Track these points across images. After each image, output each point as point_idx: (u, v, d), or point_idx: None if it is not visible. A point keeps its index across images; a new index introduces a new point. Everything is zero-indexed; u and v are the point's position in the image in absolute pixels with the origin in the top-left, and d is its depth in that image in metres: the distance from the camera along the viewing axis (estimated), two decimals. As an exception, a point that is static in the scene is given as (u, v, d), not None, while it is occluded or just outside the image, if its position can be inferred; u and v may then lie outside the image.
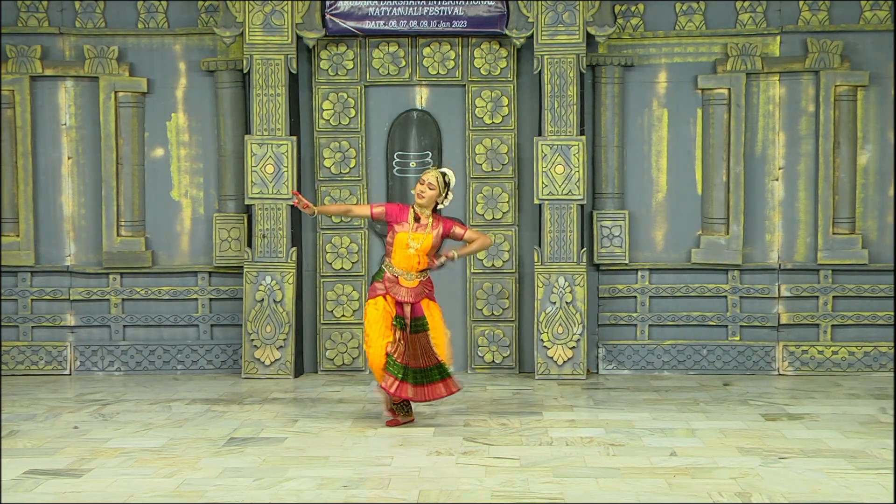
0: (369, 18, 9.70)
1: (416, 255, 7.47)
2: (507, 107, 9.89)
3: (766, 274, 9.87)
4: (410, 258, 7.48)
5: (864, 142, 9.79)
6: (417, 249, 7.47)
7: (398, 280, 7.50)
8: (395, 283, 7.50)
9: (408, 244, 7.47)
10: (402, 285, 7.50)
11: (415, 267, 7.49)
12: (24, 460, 6.65)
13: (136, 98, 9.95)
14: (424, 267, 7.53)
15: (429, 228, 7.51)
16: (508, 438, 7.20)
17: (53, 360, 10.06)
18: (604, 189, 9.89)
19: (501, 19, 9.65)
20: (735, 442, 7.02)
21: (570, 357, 9.57)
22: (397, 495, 5.81)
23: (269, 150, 9.63)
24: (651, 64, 9.90)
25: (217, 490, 5.94)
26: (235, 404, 8.47)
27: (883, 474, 6.16)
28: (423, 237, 7.49)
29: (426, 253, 7.51)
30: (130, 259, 9.96)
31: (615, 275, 9.94)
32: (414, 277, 7.51)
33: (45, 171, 10.03)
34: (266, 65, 9.62)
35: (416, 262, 7.49)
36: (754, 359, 9.86)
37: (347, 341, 9.96)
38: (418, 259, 7.49)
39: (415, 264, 7.49)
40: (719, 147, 9.80)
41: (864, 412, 8.04)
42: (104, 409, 8.33)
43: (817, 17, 9.75)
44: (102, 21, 9.97)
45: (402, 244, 7.48)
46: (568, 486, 5.97)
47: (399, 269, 7.50)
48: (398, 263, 7.50)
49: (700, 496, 5.73)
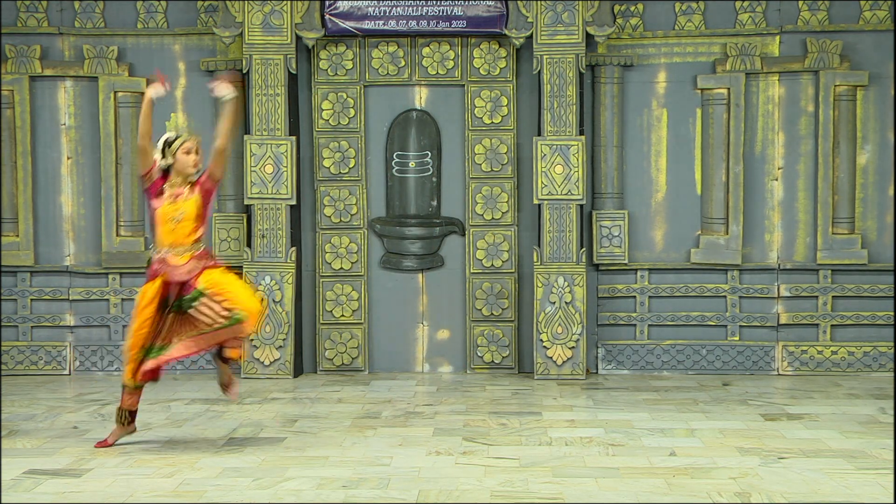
0: (368, 18, 9.70)
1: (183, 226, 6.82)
2: (506, 107, 9.89)
3: (765, 274, 9.87)
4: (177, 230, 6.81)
5: (863, 142, 9.79)
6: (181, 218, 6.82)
7: (166, 260, 6.82)
8: (162, 264, 6.83)
9: (172, 216, 6.80)
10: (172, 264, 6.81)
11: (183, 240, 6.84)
12: (24, 460, 6.65)
13: (136, 98, 9.94)
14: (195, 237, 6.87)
15: (187, 194, 6.86)
16: (508, 438, 7.20)
17: (53, 360, 10.06)
18: (603, 189, 9.89)
19: (501, 19, 9.65)
20: (734, 442, 7.02)
21: (570, 357, 9.57)
22: (396, 495, 5.81)
23: (268, 150, 9.63)
24: (650, 64, 9.90)
25: (216, 490, 5.95)
26: (235, 404, 8.47)
27: (883, 474, 6.16)
28: (188, 204, 6.84)
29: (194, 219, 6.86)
30: (130, 259, 9.96)
31: (614, 275, 9.95)
32: (183, 252, 6.84)
33: (44, 171, 10.03)
34: (265, 65, 9.62)
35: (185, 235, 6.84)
36: (754, 359, 9.86)
37: (347, 341, 9.96)
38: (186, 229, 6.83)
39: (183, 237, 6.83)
40: (719, 147, 9.80)
41: (863, 412, 8.04)
42: (104, 409, 8.33)
43: (817, 16, 9.75)
44: (102, 21, 9.97)
45: (166, 218, 6.81)
46: (567, 486, 5.97)
47: (165, 246, 6.83)
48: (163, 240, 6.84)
49: (699, 496, 5.74)
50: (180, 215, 6.81)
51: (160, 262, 6.85)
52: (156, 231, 6.90)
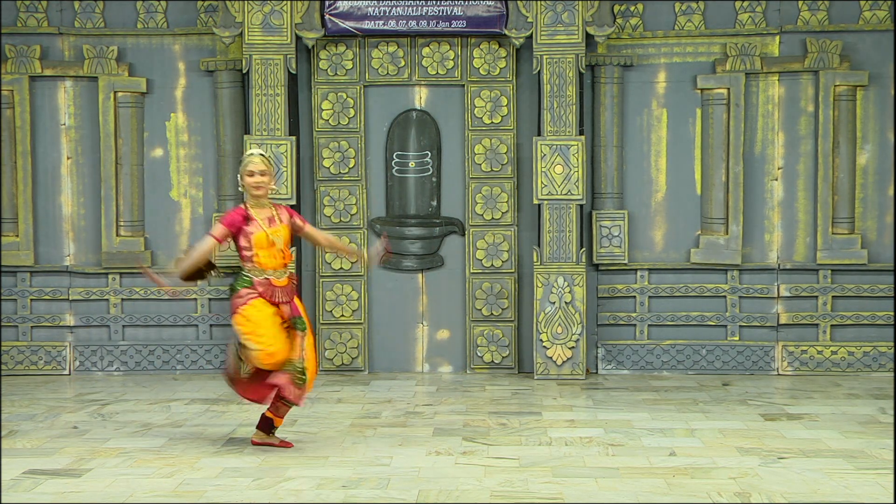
0: (368, 18, 9.70)
1: (280, 251, 6.92)
2: (506, 107, 9.89)
3: (765, 274, 9.87)
4: (276, 255, 6.91)
5: (863, 142, 9.79)
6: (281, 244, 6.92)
7: (270, 282, 6.89)
8: (268, 286, 6.88)
9: (271, 242, 6.89)
10: (276, 286, 6.90)
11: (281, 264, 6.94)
12: (24, 460, 6.65)
13: (136, 98, 9.94)
14: (289, 261, 7.02)
15: (279, 220, 6.98)
16: (508, 438, 7.20)
17: (53, 360, 10.06)
18: (603, 189, 9.89)
19: (501, 19, 9.65)
20: (734, 442, 7.03)
21: (570, 357, 9.57)
22: (396, 495, 5.81)
23: (268, 150, 9.63)
24: (650, 64, 9.90)
25: (216, 490, 5.95)
26: (235, 404, 8.47)
27: (883, 474, 6.17)
28: (281, 229, 6.95)
29: (287, 245, 7.00)
30: (130, 259, 9.96)
31: (614, 275, 9.95)
32: (282, 275, 6.94)
33: (44, 171, 10.03)
34: (265, 65, 9.62)
35: (282, 258, 6.94)
36: (753, 359, 9.86)
37: (347, 341, 9.96)
38: (283, 254, 6.95)
39: (281, 261, 6.94)
40: (718, 147, 9.80)
41: (863, 412, 8.04)
42: (103, 409, 8.33)
43: (817, 16, 9.75)
44: (102, 21, 9.97)
45: (264, 243, 6.89)
46: (567, 486, 5.97)
47: (268, 269, 6.89)
48: (265, 264, 6.89)
49: (699, 496, 5.74)
50: (279, 240, 6.92)
51: (265, 283, 6.89)
52: (252, 255, 6.90)
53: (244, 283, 6.89)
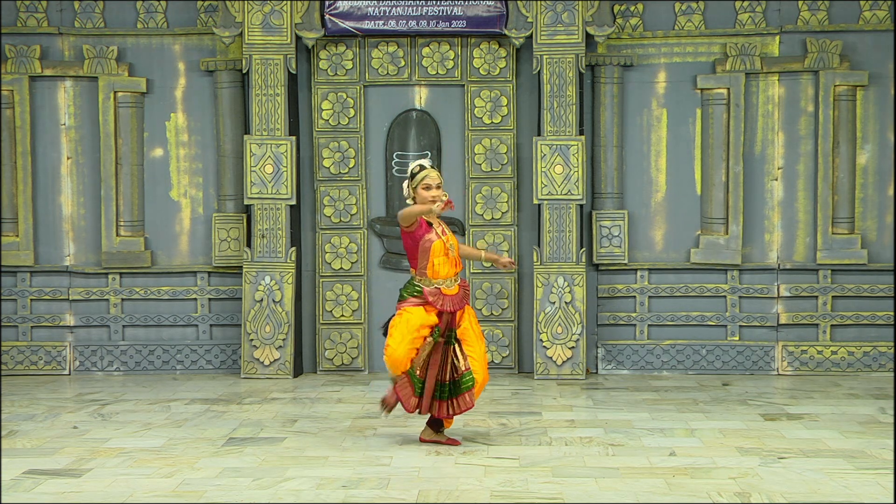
0: (368, 18, 9.70)
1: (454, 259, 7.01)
2: (506, 107, 9.90)
3: (765, 274, 9.88)
4: (450, 263, 6.97)
5: (863, 142, 9.79)
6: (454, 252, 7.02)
7: (440, 291, 6.92)
8: (438, 295, 6.92)
9: (446, 250, 6.96)
10: (446, 295, 6.93)
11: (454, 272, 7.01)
12: (24, 460, 6.65)
13: (136, 98, 9.95)
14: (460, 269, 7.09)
15: (447, 231, 7.13)
16: (508, 438, 7.20)
17: (53, 360, 10.06)
18: (603, 189, 9.89)
19: (501, 19, 9.65)
20: (734, 442, 7.02)
21: (570, 357, 9.57)
22: (396, 495, 5.81)
23: (268, 150, 9.63)
24: (650, 64, 9.90)
25: (216, 490, 5.95)
26: (235, 404, 8.47)
27: (883, 474, 6.17)
28: (451, 237, 7.08)
29: (458, 253, 7.11)
30: (130, 259, 9.96)
31: (614, 275, 9.95)
32: (453, 283, 7.00)
33: (44, 171, 10.04)
34: (265, 65, 9.62)
35: (455, 266, 7.01)
36: (753, 359, 9.86)
37: (347, 341, 9.96)
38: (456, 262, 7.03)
39: (454, 269, 7.01)
40: (718, 147, 9.80)
41: (863, 412, 8.04)
42: (103, 409, 8.33)
43: (816, 16, 9.75)
44: (102, 21, 9.97)
45: (441, 251, 6.95)
46: (567, 486, 5.97)
47: (440, 278, 6.95)
48: (439, 272, 6.94)
49: (699, 496, 5.74)
50: (452, 249, 7.00)
51: (436, 293, 6.92)
52: (427, 263, 6.94)
53: (413, 291, 6.97)
